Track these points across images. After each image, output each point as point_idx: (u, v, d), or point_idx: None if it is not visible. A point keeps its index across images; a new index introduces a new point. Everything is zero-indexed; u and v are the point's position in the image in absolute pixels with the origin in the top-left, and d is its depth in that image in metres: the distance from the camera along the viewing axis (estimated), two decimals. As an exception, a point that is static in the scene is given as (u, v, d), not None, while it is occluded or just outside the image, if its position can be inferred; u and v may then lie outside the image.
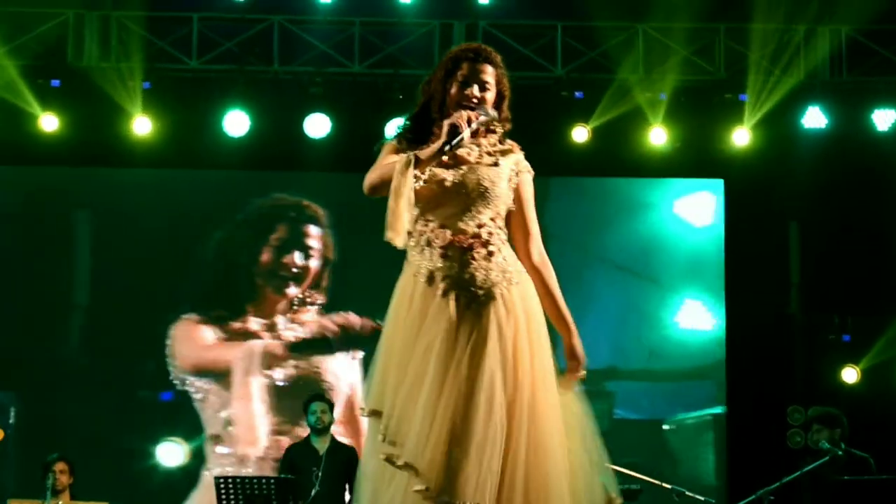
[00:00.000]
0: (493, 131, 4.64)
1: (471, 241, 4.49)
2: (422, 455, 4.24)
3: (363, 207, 13.65)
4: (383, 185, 4.41)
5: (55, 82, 11.74)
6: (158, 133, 11.74)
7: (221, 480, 9.27)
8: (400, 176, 4.35)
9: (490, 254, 4.51)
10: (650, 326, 12.55)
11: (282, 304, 12.15)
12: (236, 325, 12.04)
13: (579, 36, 11.95)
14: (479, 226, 4.51)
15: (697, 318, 12.59)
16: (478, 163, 4.57)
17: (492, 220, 4.55)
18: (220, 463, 11.80)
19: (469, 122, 4.45)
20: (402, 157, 4.41)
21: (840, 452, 9.89)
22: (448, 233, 4.48)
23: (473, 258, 4.48)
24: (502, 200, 4.59)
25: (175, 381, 11.94)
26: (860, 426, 10.18)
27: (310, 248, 12.25)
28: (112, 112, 11.66)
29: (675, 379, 12.53)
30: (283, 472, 9.85)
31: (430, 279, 4.45)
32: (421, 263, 4.48)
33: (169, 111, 11.78)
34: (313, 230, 12.28)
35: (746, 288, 12.39)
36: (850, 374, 12.28)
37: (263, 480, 9.24)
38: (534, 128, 11.92)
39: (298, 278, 12.20)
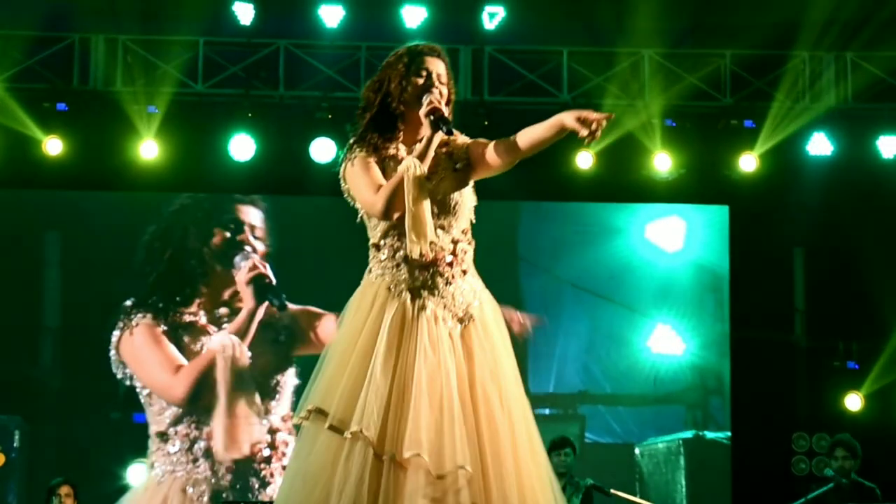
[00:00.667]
0: (448, 133, 4.48)
1: (447, 258, 4.43)
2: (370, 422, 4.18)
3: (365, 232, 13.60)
4: (399, 203, 4.31)
5: (61, 106, 11.75)
6: (163, 157, 11.74)
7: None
8: (413, 185, 4.29)
9: (464, 272, 4.48)
10: (621, 351, 12.54)
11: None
12: (188, 317, 11.89)
13: (585, 61, 11.96)
14: (453, 241, 4.47)
15: (668, 342, 12.58)
16: (443, 174, 4.48)
17: (462, 232, 4.51)
18: (169, 462, 11.57)
19: (439, 103, 4.41)
20: (405, 165, 4.33)
21: (845, 481, 9.87)
22: (415, 248, 4.38)
23: (453, 277, 4.44)
24: (468, 209, 4.55)
25: (119, 375, 11.76)
26: (865, 453, 10.16)
27: (255, 227, 12.12)
28: (117, 136, 11.67)
29: (647, 403, 12.54)
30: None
31: (408, 295, 4.37)
32: (396, 278, 4.37)
33: (175, 135, 11.79)
34: (254, 213, 12.16)
35: (751, 314, 12.37)
36: (854, 401, 12.25)
37: (267, 504, 9.22)
38: (539, 154, 11.93)
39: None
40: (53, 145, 11.64)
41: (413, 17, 11.82)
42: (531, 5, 12.07)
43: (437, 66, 4.54)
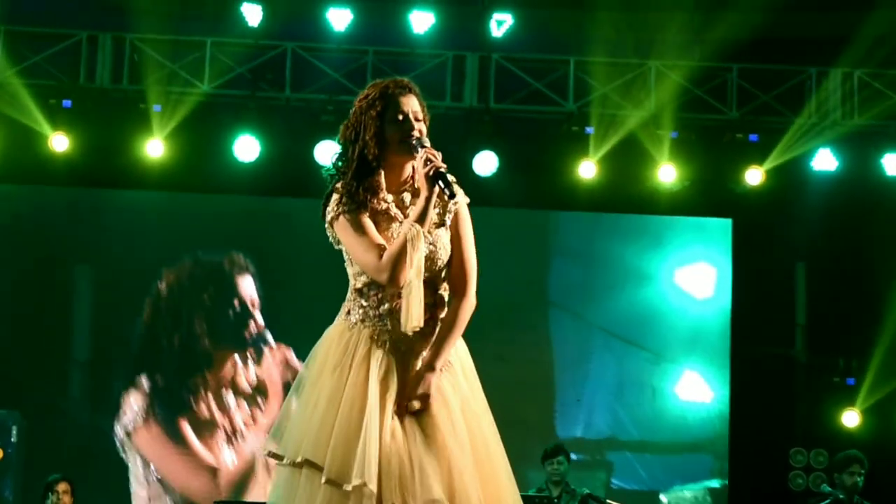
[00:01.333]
0: (451, 195, 4.35)
1: (431, 313, 4.35)
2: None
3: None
4: (404, 269, 4.23)
5: (67, 103, 11.75)
6: (169, 156, 11.75)
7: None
8: (414, 252, 4.23)
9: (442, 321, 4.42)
10: (649, 397, 12.49)
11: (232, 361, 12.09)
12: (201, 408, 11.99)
13: (591, 71, 11.96)
14: (436, 297, 4.39)
15: (697, 390, 12.55)
16: (430, 230, 4.36)
17: (444, 289, 4.42)
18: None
19: (436, 159, 4.30)
20: (409, 235, 4.23)
21: (842, 496, 9.83)
22: (396, 297, 4.31)
23: (433, 331, 4.36)
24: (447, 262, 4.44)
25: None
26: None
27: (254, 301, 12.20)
28: (123, 134, 11.68)
29: (674, 451, 12.50)
30: None
31: (391, 347, 4.31)
32: (379, 328, 4.31)
33: (180, 135, 11.79)
34: (244, 282, 12.24)
35: (752, 328, 12.36)
36: (853, 418, 12.24)
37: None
38: (542, 162, 11.95)
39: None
40: (59, 142, 11.63)
41: (421, 22, 11.83)
42: (539, 13, 12.07)
43: (412, 104, 4.41)
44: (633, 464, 12.45)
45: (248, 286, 12.20)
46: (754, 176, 11.92)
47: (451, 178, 4.32)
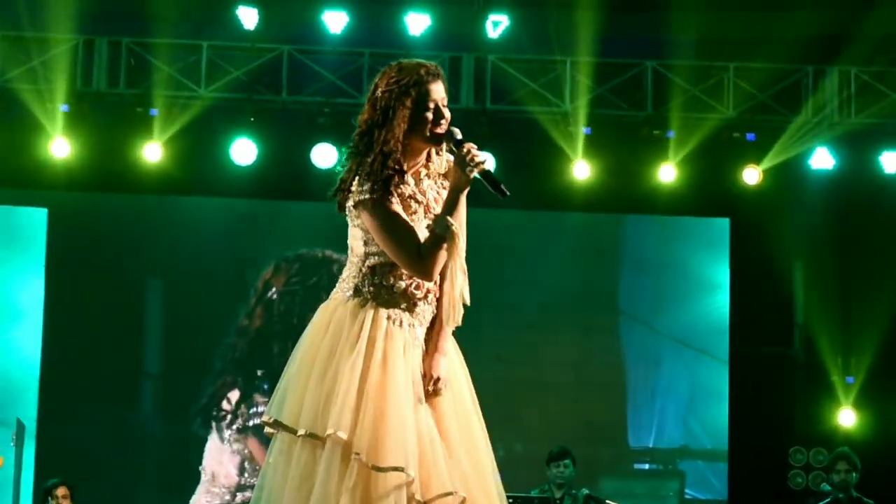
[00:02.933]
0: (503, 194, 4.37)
1: (437, 293, 4.37)
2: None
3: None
4: (438, 266, 4.25)
5: (64, 107, 11.74)
6: (166, 160, 11.74)
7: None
8: (455, 250, 4.25)
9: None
10: (721, 406, 12.46)
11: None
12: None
13: (588, 71, 11.96)
14: (441, 277, 4.36)
15: None
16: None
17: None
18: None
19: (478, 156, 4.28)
20: (450, 231, 4.23)
21: (842, 496, 9.86)
22: (425, 285, 4.32)
23: (435, 309, 4.38)
24: None
25: None
26: (863, 468, 10.15)
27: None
28: (120, 138, 11.67)
29: None
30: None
31: (409, 327, 4.30)
32: (393, 312, 4.27)
33: (177, 138, 11.79)
34: None
35: (750, 327, 12.37)
36: (852, 417, 12.23)
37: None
38: (539, 163, 11.95)
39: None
40: (58, 147, 11.62)
41: (417, 24, 11.82)
42: (535, 14, 12.06)
43: (441, 91, 4.33)
44: (705, 473, 12.45)
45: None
46: (753, 175, 11.91)
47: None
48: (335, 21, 11.83)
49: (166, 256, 12.34)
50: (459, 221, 4.29)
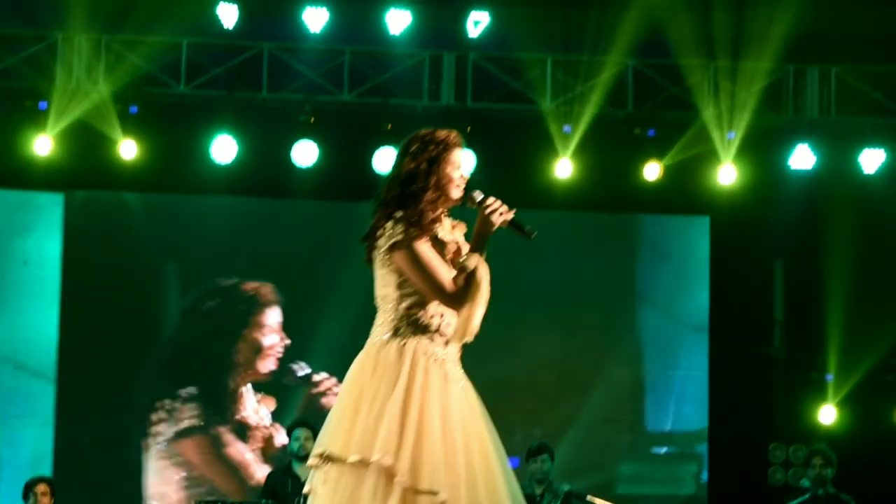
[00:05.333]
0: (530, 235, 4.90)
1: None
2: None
3: (348, 237, 13.66)
4: (467, 300, 4.75)
5: (42, 104, 11.69)
6: (144, 157, 11.71)
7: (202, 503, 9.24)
8: (484, 287, 4.76)
9: None
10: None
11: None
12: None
13: (569, 69, 11.97)
14: None
15: None
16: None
17: None
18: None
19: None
20: (478, 269, 4.72)
21: (821, 492, 9.91)
22: (450, 324, 4.80)
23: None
24: None
25: None
26: (841, 465, 10.20)
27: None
28: (99, 135, 11.63)
29: None
30: (265, 498, 9.79)
31: (447, 366, 4.76)
32: (429, 347, 4.75)
33: (156, 136, 11.76)
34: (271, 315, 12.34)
35: (730, 324, 12.40)
36: (832, 413, 12.28)
37: (245, 506, 9.21)
38: (520, 161, 11.96)
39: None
40: (40, 144, 11.57)
41: (397, 21, 11.80)
42: (516, 13, 12.06)
43: (462, 157, 4.91)
44: None
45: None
46: (729, 173, 11.91)
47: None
48: (316, 18, 11.79)
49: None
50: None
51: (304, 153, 11.75)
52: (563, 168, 11.83)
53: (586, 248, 12.52)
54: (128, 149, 11.63)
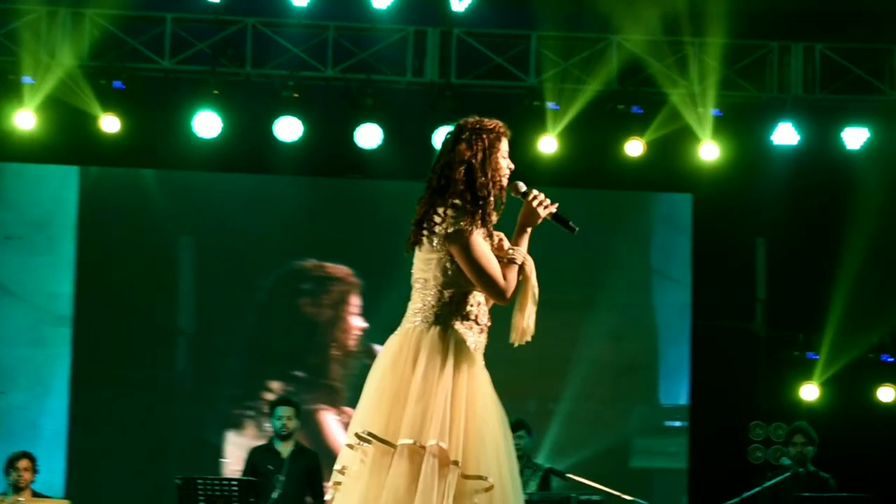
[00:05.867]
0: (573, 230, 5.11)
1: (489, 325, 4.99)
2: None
3: (334, 213, 13.71)
4: (512, 292, 4.85)
5: (27, 79, 11.65)
6: (127, 132, 11.68)
7: (182, 481, 9.25)
8: (533, 281, 4.89)
9: None
10: None
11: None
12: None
13: (554, 46, 11.95)
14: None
15: None
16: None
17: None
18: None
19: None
20: (528, 264, 4.86)
21: (801, 470, 9.97)
22: (486, 314, 4.92)
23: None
24: None
25: None
26: (821, 444, 10.25)
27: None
28: (82, 110, 11.61)
29: None
30: (246, 475, 9.82)
31: (479, 354, 4.87)
32: (464, 333, 4.83)
33: (140, 111, 11.74)
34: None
35: (712, 303, 12.43)
36: (813, 391, 12.33)
37: (225, 482, 9.24)
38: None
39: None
40: (22, 118, 11.54)
41: (382, -3, 11.77)
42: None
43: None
44: None
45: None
46: (711, 150, 11.91)
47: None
48: (300, -6, 11.77)
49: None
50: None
51: (288, 128, 11.74)
52: (548, 144, 11.83)
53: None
54: (110, 123, 11.61)
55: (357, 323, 12.23)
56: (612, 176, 12.20)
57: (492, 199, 4.86)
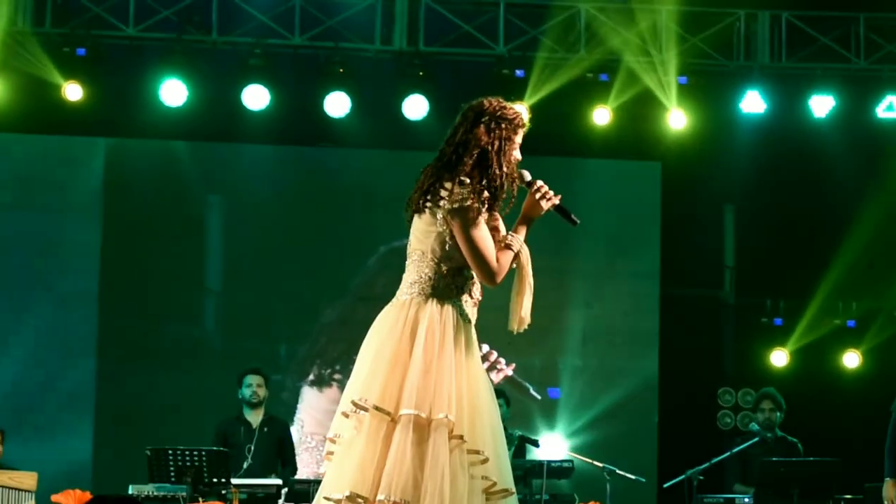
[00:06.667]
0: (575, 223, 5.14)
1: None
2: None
3: (304, 183, 13.65)
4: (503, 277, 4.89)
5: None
6: (92, 101, 11.57)
7: (152, 452, 9.21)
8: (528, 269, 4.95)
9: None
10: None
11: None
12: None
13: (522, 14, 11.91)
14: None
15: None
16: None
17: None
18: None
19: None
20: (523, 253, 4.91)
21: (770, 435, 10.06)
22: (479, 288, 4.95)
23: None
24: None
25: None
26: (789, 409, 10.33)
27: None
28: (47, 78, 11.49)
29: None
30: (217, 446, 9.79)
31: (469, 322, 4.91)
32: (460, 307, 4.87)
33: (104, 79, 11.62)
34: None
35: (680, 270, 12.47)
36: (781, 357, 12.41)
37: (195, 452, 9.19)
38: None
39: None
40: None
41: (348, -37, 11.69)
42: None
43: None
44: None
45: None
46: (679, 119, 11.93)
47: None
48: (266, -40, 11.68)
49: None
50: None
51: (255, 97, 11.65)
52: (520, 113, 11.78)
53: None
54: (73, 91, 11.48)
55: None
56: (581, 144, 12.19)
57: (504, 189, 4.90)
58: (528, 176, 4.98)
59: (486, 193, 4.82)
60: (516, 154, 4.95)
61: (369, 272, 12.17)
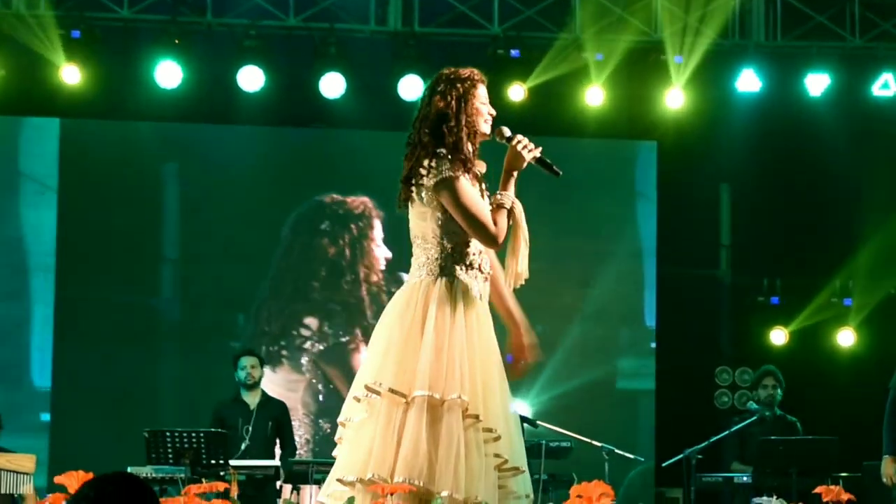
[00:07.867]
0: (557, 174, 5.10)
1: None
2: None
3: (299, 162, 13.64)
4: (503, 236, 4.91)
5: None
6: (87, 83, 11.53)
7: (149, 433, 9.22)
8: (522, 224, 4.97)
9: None
10: None
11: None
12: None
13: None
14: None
15: None
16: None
17: None
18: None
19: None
20: (517, 207, 4.92)
21: (768, 414, 10.06)
22: (487, 261, 4.97)
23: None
24: None
25: None
26: (786, 388, 10.33)
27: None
28: (42, 60, 11.45)
29: None
30: (214, 428, 9.79)
31: (479, 296, 4.91)
32: (469, 283, 4.87)
33: (99, 61, 11.58)
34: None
35: (677, 249, 12.47)
36: (778, 336, 12.42)
37: (193, 434, 9.19)
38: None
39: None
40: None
41: (343, -56, 11.65)
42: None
43: (486, 93, 5.08)
44: None
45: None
46: (676, 97, 11.91)
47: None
48: (261, -59, 11.63)
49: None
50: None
51: (250, 78, 11.63)
52: (515, 93, 11.78)
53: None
54: (70, 74, 11.46)
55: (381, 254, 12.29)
56: (578, 124, 12.17)
57: (468, 144, 4.89)
58: (507, 131, 4.99)
59: (461, 156, 4.84)
60: (485, 108, 4.98)
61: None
